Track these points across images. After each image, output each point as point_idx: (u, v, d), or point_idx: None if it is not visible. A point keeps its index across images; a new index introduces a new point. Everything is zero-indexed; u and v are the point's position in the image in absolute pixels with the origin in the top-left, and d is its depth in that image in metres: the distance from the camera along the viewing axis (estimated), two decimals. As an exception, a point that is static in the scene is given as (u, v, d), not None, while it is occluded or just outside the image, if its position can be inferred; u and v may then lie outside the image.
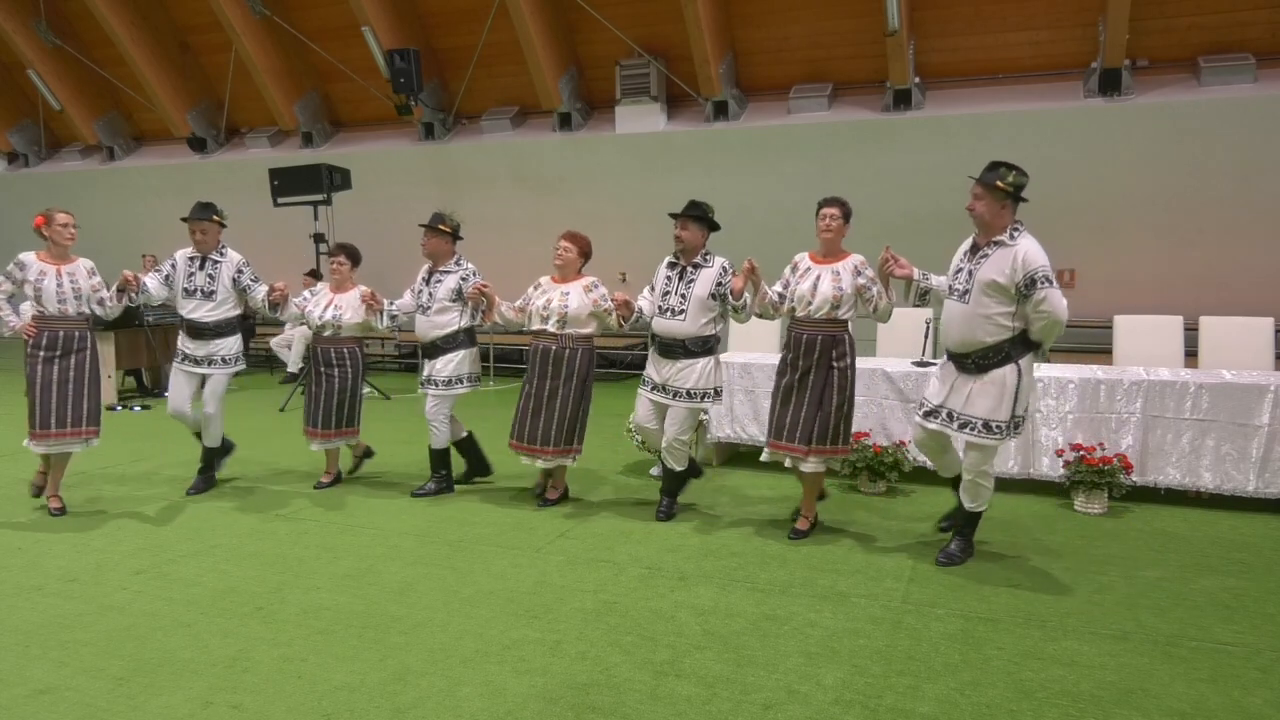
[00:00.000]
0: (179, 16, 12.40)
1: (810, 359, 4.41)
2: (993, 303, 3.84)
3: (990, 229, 3.89)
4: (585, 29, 10.51)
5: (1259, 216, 8.63)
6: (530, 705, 2.91)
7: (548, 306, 5.00)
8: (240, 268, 5.51)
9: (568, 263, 5.08)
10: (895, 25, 8.64)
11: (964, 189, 4.14)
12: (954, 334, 3.99)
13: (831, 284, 4.37)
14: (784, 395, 4.52)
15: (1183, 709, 2.85)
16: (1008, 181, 3.85)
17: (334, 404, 5.54)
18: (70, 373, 5.03)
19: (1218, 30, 8.56)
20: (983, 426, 3.93)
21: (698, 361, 4.75)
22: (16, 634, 3.52)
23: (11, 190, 14.82)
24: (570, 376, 4.98)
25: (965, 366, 3.99)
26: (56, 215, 5.14)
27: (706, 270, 4.72)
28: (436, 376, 5.38)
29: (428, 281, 5.44)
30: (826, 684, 3.03)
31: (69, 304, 5.04)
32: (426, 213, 5.68)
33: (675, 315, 4.73)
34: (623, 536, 4.66)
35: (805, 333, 4.44)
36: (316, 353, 5.61)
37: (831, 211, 4.44)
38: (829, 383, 4.41)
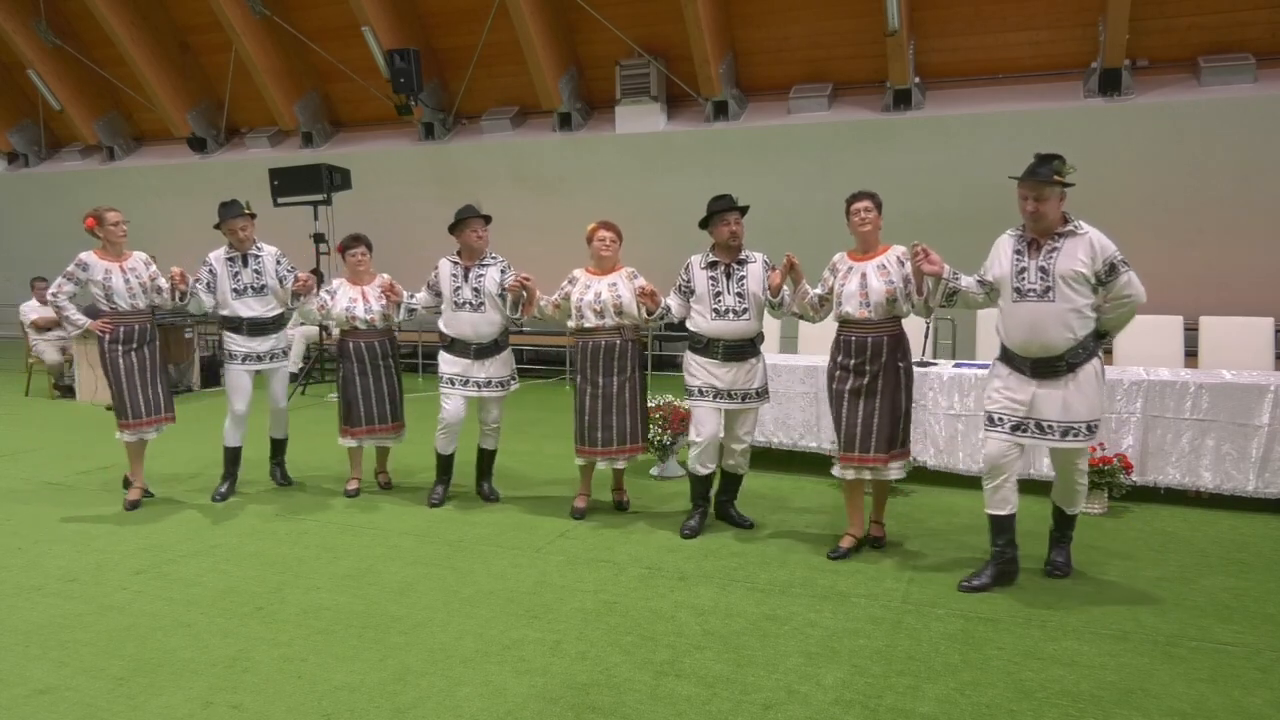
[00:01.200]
0: (179, 16, 12.40)
1: (878, 362, 4.16)
2: (1077, 295, 3.65)
3: (1052, 224, 3.73)
4: (585, 29, 10.51)
5: (1259, 216, 8.63)
6: (530, 705, 2.91)
7: (599, 300, 4.76)
8: (279, 258, 5.49)
9: (614, 253, 4.87)
10: (895, 25, 8.65)
11: (964, 189, 4.14)
12: (1039, 337, 3.70)
13: (880, 279, 4.15)
14: (850, 403, 4.23)
15: (1183, 709, 2.85)
16: (1064, 174, 3.72)
17: (398, 396, 5.46)
18: (146, 363, 5.27)
19: (1218, 30, 8.57)
20: (1086, 430, 3.75)
21: (760, 360, 4.64)
22: (16, 634, 3.52)
23: (11, 190, 14.83)
24: (634, 369, 4.84)
25: (1052, 369, 3.72)
26: (107, 215, 5.20)
27: (752, 266, 4.56)
28: (504, 376, 5.22)
29: (466, 278, 5.13)
30: (826, 684, 3.03)
31: (138, 298, 5.21)
32: (427, 213, 5.69)
33: (739, 316, 4.51)
34: (623, 536, 4.66)
35: (868, 335, 4.17)
36: (369, 347, 5.36)
37: (865, 204, 4.23)
38: (899, 385, 4.19)
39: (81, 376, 9.56)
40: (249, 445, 5.61)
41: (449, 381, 5.15)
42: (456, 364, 5.13)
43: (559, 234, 11.61)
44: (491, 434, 5.36)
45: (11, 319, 11.33)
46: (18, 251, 15.29)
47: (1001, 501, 3.86)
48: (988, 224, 4.36)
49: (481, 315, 5.09)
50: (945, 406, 5.46)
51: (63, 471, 6.27)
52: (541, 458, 6.53)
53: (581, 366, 4.85)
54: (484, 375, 5.15)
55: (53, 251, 14.66)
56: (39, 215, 14.86)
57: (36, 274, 10.48)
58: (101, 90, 13.68)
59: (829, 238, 5.80)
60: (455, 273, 5.15)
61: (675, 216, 11.20)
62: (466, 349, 5.11)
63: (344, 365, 5.40)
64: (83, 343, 9.51)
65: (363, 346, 5.35)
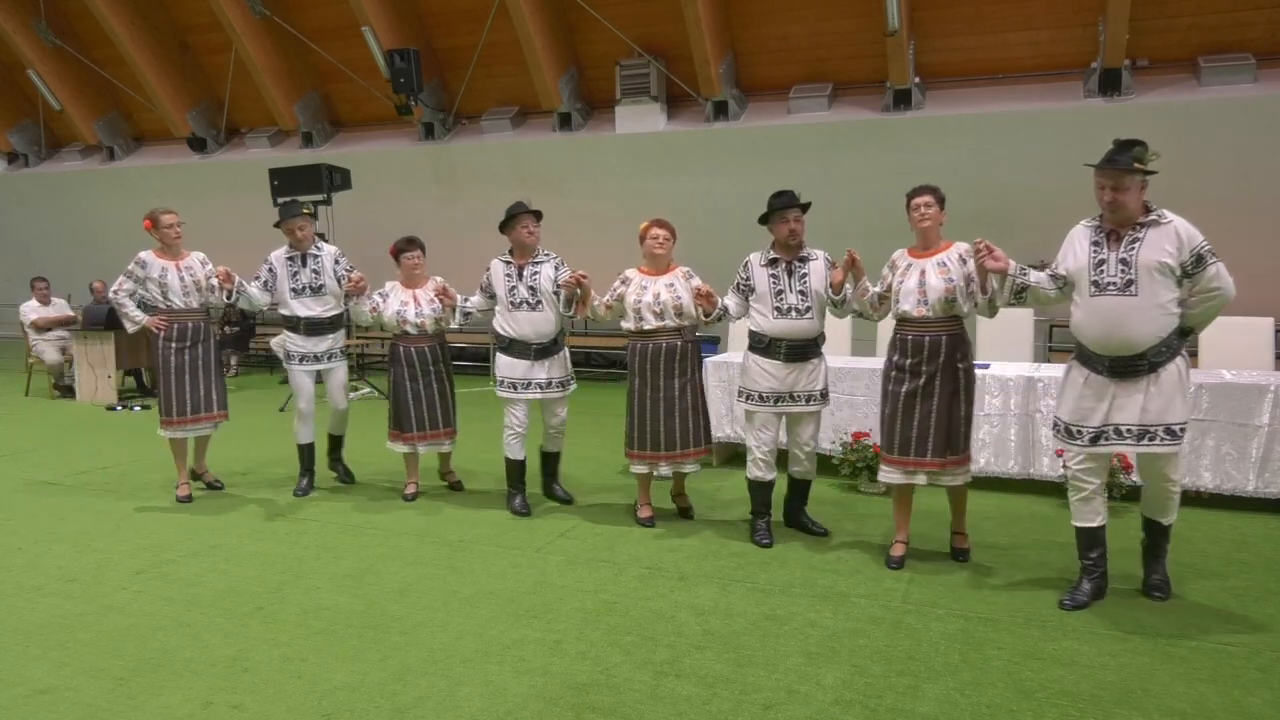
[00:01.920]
0: (179, 16, 12.40)
1: (935, 363, 3.99)
2: (1162, 289, 3.40)
3: (1133, 214, 3.48)
4: (585, 29, 10.51)
5: (1259, 216, 8.63)
6: (530, 705, 2.91)
7: (658, 301, 4.61)
8: (338, 258, 5.50)
9: (669, 251, 4.71)
10: (895, 25, 8.64)
11: (964, 189, 4.12)
12: (1121, 333, 3.45)
13: (940, 276, 3.98)
14: (905, 405, 4.07)
15: (1183, 709, 2.85)
16: (1146, 160, 3.46)
17: (449, 402, 5.37)
18: (200, 361, 5.35)
19: (1218, 30, 8.56)
20: (1165, 433, 3.50)
21: (822, 361, 4.48)
22: (16, 634, 3.52)
23: (11, 190, 14.83)
24: (695, 371, 4.73)
25: (1133, 369, 3.48)
26: (161, 217, 5.33)
27: (814, 263, 4.40)
28: (561, 377, 5.09)
29: (520, 276, 4.99)
30: (826, 684, 3.03)
31: (192, 297, 5.32)
32: (427, 212, 5.69)
33: (803, 315, 4.35)
34: (623, 536, 4.66)
35: (926, 334, 4.01)
36: (420, 352, 5.25)
37: (925, 199, 4.03)
38: (958, 388, 4.02)
39: (81, 376, 9.56)
40: (245, 444, 5.60)
41: (511, 386, 5.00)
42: (517, 366, 4.99)
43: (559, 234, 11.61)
44: (557, 436, 5.26)
45: (11, 319, 11.33)
46: (18, 251, 15.30)
47: (1091, 514, 3.68)
48: (988, 224, 4.38)
49: (540, 314, 4.95)
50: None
51: (63, 471, 6.27)
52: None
53: (640, 369, 4.69)
54: (545, 376, 5.01)
55: (53, 251, 14.75)
56: (39, 215, 14.86)
57: (36, 274, 10.48)
58: (101, 90, 13.68)
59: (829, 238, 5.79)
60: (509, 272, 5.01)
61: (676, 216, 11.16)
62: (527, 350, 4.97)
63: (394, 370, 5.31)
64: (82, 342, 9.52)
65: (413, 351, 5.26)
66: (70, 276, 12.77)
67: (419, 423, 5.29)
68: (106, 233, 14.48)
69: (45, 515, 5.16)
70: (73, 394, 9.70)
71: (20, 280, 11.84)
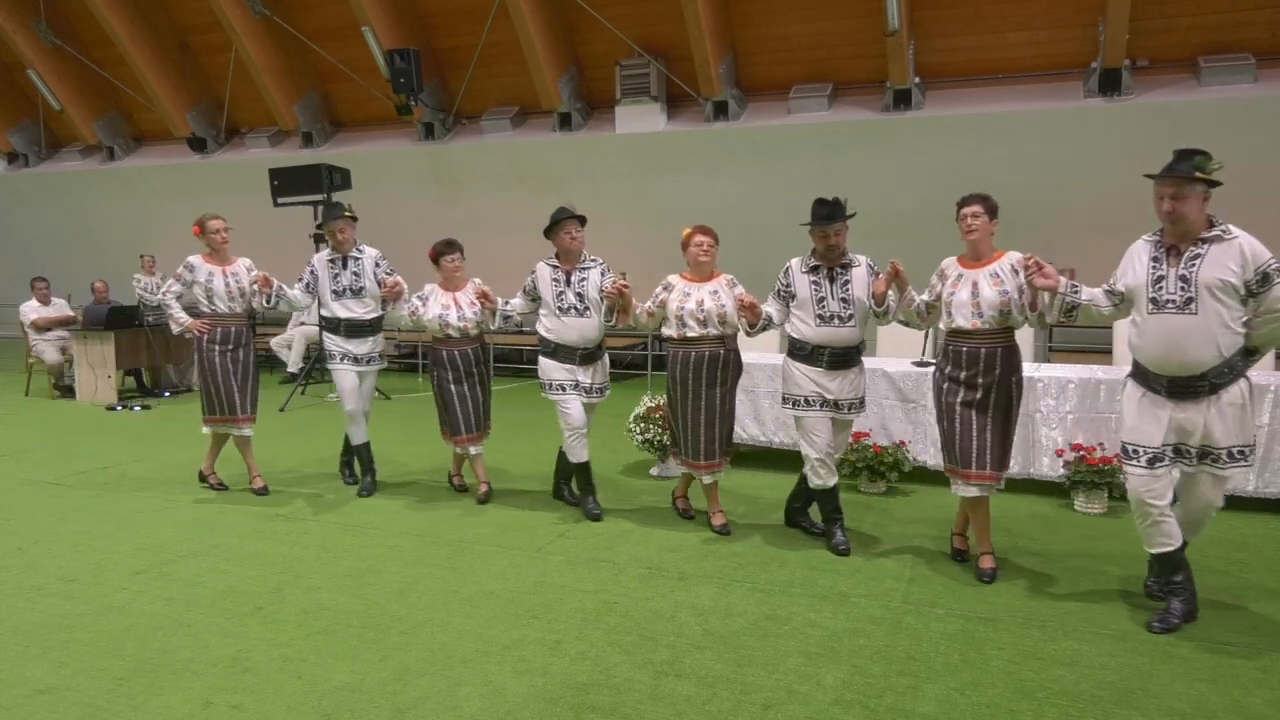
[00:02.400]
0: (179, 16, 12.41)
1: (991, 375, 3.91)
2: (1224, 308, 3.26)
3: (1194, 227, 3.33)
4: (585, 29, 10.51)
5: (1259, 216, 8.60)
6: (530, 705, 2.91)
7: (702, 308, 4.52)
8: (378, 260, 5.52)
9: (712, 258, 4.63)
10: (895, 25, 8.65)
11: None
12: (1180, 354, 3.31)
13: (994, 288, 3.87)
14: (963, 417, 3.97)
15: (1183, 709, 2.85)
16: (1209, 170, 3.29)
17: (488, 402, 5.41)
18: (240, 364, 5.47)
19: (1218, 30, 8.57)
20: (1241, 455, 3.36)
21: (862, 370, 4.43)
22: (16, 634, 3.52)
23: (11, 190, 14.83)
24: (735, 380, 4.68)
25: (1193, 390, 3.33)
26: (209, 222, 5.46)
27: (856, 270, 4.30)
28: (602, 384, 5.04)
29: (568, 282, 4.92)
30: (826, 684, 3.03)
31: (236, 302, 5.44)
32: (427, 213, 5.69)
33: (845, 322, 4.27)
34: (623, 536, 4.66)
35: (981, 346, 3.91)
36: (463, 355, 5.23)
37: (973, 209, 3.94)
38: (1011, 401, 3.96)
39: (81, 376, 9.56)
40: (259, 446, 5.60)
41: (559, 388, 4.94)
42: (561, 369, 4.94)
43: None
44: (585, 440, 5.10)
45: (11, 319, 11.33)
46: (18, 251, 15.30)
47: (1165, 539, 3.46)
48: (988, 224, 4.34)
49: (588, 320, 4.90)
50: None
51: (63, 471, 6.27)
52: (542, 457, 6.53)
53: (682, 377, 4.61)
54: (589, 381, 4.98)
55: (53, 251, 14.75)
56: (39, 215, 14.87)
57: (36, 274, 10.48)
58: (101, 90, 13.69)
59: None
60: (556, 277, 4.94)
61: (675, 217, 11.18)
62: (572, 354, 4.92)
63: (438, 373, 5.28)
64: (82, 342, 9.52)
65: (456, 354, 5.22)
66: (70, 276, 12.77)
67: (466, 425, 5.28)
68: (106, 233, 14.50)
69: (45, 515, 5.16)
70: (73, 394, 9.70)
71: (20, 280, 11.84)
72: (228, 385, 5.42)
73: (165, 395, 9.79)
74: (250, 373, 5.52)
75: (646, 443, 5.94)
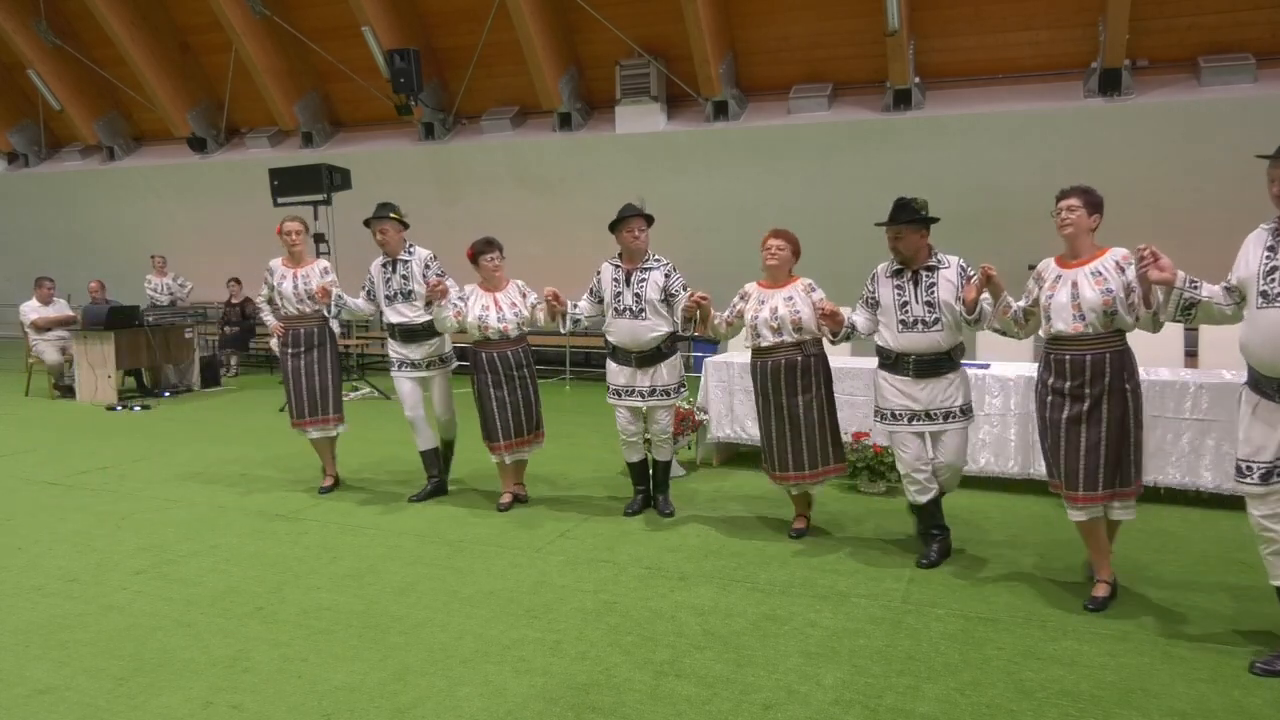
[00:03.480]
0: (179, 16, 12.41)
1: (1100, 384, 3.54)
2: None
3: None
4: (585, 29, 10.51)
5: (1259, 217, 8.58)
6: (530, 705, 2.91)
7: (775, 315, 4.33)
8: (428, 262, 5.32)
9: (782, 262, 4.41)
10: (895, 25, 8.64)
11: (964, 189, 4.09)
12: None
13: (1095, 287, 3.52)
14: (1070, 433, 3.61)
15: (1183, 709, 2.85)
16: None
17: (533, 407, 5.16)
18: (314, 366, 5.48)
19: (1218, 30, 8.56)
20: None
21: (960, 374, 4.10)
22: (16, 634, 3.52)
23: (11, 190, 14.83)
24: (821, 386, 4.42)
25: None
26: (283, 224, 5.50)
27: (945, 272, 4.03)
28: (668, 385, 4.85)
29: (627, 281, 4.78)
30: (826, 684, 3.03)
31: (305, 304, 5.44)
32: (427, 213, 5.66)
33: (929, 327, 3.99)
34: (623, 536, 4.66)
35: (1086, 353, 3.55)
36: (503, 358, 5.02)
37: (1069, 202, 3.59)
38: (1126, 410, 3.57)
39: (81, 376, 9.56)
40: (245, 445, 5.60)
41: (615, 393, 4.91)
42: (621, 373, 4.87)
43: (559, 234, 11.64)
44: (662, 443, 5.03)
45: (11, 319, 11.33)
46: (18, 252, 15.29)
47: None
48: (989, 224, 4.34)
49: (642, 322, 4.74)
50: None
51: (63, 471, 6.27)
52: (542, 457, 6.52)
53: (762, 388, 4.47)
54: (648, 384, 4.83)
55: (53, 251, 14.73)
56: (39, 215, 14.86)
57: (37, 274, 10.48)
58: (101, 90, 13.68)
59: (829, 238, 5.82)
60: (617, 276, 4.82)
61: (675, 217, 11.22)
62: (628, 357, 4.83)
63: (478, 378, 5.09)
64: (82, 342, 9.52)
65: (495, 357, 5.01)
66: (70, 276, 12.76)
67: (504, 430, 5.07)
68: (106, 233, 14.50)
69: (45, 515, 5.16)
70: (73, 394, 9.70)
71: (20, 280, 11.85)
72: (297, 387, 5.46)
73: (165, 395, 9.79)
74: (320, 374, 5.48)
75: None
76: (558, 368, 11.27)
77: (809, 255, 4.63)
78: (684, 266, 4.68)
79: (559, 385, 10.36)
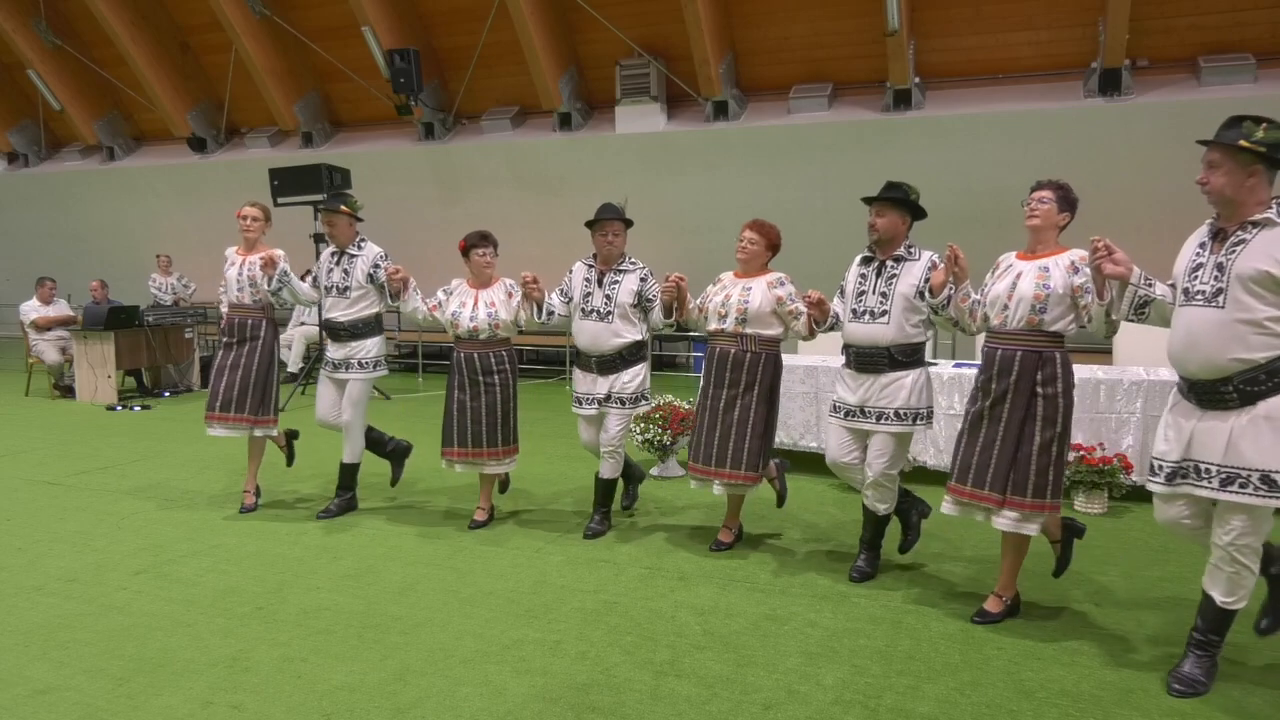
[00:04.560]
0: (179, 16, 12.42)
1: (1005, 381, 3.41)
2: (1260, 303, 2.76)
3: (1238, 207, 2.85)
4: (585, 29, 10.51)
5: (1259, 216, 8.63)
6: (530, 705, 2.91)
7: (726, 303, 4.24)
8: (378, 261, 4.96)
9: (752, 255, 4.26)
10: (895, 25, 8.65)
11: (963, 189, 4.09)
12: (1200, 352, 2.85)
13: (1035, 281, 3.37)
14: (971, 427, 3.54)
15: (1183, 709, 2.85)
16: (1256, 139, 2.78)
17: (497, 418, 4.72)
18: (243, 359, 5.11)
19: (1218, 30, 8.57)
20: (1260, 480, 2.77)
21: (907, 375, 3.84)
22: (16, 634, 3.52)
23: (11, 190, 14.84)
24: (752, 385, 4.19)
25: (1219, 399, 2.84)
26: (241, 208, 5.22)
27: (912, 264, 3.86)
28: (625, 393, 4.57)
29: (599, 283, 4.61)
30: (826, 684, 3.03)
31: (245, 291, 5.12)
32: (427, 213, 5.65)
33: (875, 318, 3.83)
34: (623, 536, 4.66)
35: (1000, 347, 3.45)
36: (470, 359, 4.71)
37: (1043, 194, 3.46)
38: (1030, 414, 3.39)
39: (81, 376, 9.56)
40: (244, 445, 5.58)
41: (576, 401, 4.69)
42: (583, 380, 4.68)
43: (559, 234, 11.63)
44: (609, 456, 4.66)
45: (11, 319, 11.33)
46: (18, 251, 15.30)
47: (1212, 584, 3.01)
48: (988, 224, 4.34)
49: (606, 326, 4.54)
50: (945, 406, 5.46)
51: (63, 471, 6.27)
52: (542, 457, 6.54)
53: (705, 374, 4.37)
54: (605, 390, 4.59)
55: (53, 251, 14.74)
56: (39, 215, 14.87)
57: (37, 274, 10.48)
58: (101, 90, 13.69)
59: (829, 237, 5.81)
60: (589, 277, 4.64)
61: (675, 217, 11.24)
62: (589, 362, 4.63)
63: (449, 377, 4.83)
64: (82, 342, 9.52)
65: (464, 358, 4.72)
66: (70, 276, 12.76)
67: (458, 437, 4.71)
68: (106, 233, 14.51)
69: (45, 515, 5.16)
70: (73, 394, 9.70)
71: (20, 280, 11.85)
72: (217, 378, 5.08)
73: (165, 395, 9.80)
74: (245, 369, 5.07)
75: (647, 443, 5.94)
76: (557, 367, 11.28)
77: (809, 254, 4.63)
78: (683, 266, 4.67)
79: (560, 384, 10.37)
